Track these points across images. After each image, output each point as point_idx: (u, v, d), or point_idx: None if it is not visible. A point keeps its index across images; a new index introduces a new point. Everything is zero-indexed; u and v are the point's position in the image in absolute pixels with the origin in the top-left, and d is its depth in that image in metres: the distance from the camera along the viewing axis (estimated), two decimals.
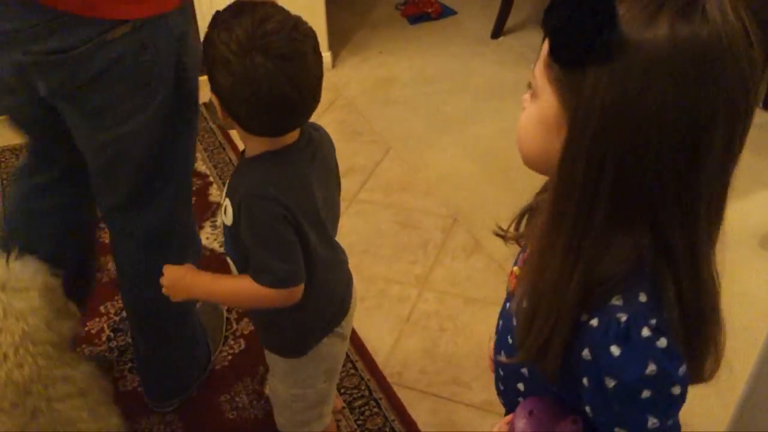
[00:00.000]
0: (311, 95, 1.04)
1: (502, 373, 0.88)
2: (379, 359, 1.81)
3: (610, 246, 0.66)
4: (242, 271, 1.15)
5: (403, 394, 1.72)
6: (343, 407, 1.68)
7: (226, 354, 1.81)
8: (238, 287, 1.15)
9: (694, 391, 0.71)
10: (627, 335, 0.65)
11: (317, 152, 1.15)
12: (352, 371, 1.77)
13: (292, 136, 1.11)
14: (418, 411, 1.68)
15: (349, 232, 2.24)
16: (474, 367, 1.77)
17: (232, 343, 1.84)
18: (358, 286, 2.02)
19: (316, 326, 1.25)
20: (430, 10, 3.67)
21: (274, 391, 1.36)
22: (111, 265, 2.11)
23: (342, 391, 1.72)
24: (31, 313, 1.05)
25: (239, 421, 1.66)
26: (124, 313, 1.94)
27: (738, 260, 2.15)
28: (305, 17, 1.10)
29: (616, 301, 0.66)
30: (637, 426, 0.68)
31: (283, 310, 1.16)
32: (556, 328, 0.68)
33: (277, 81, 0.98)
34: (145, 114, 1.19)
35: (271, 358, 1.31)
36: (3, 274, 1.08)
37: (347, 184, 2.44)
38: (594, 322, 0.66)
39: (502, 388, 0.89)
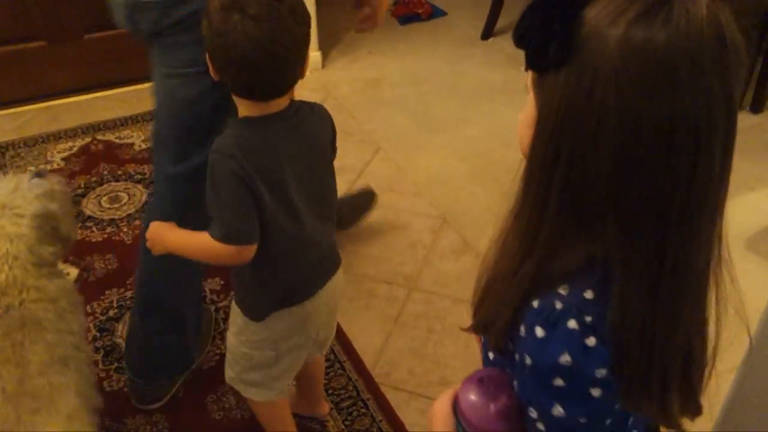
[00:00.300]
0: (281, 62, 1.07)
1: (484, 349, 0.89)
2: (367, 359, 1.80)
3: (564, 244, 0.67)
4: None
5: (391, 395, 1.71)
6: (331, 409, 1.68)
7: (213, 354, 1.80)
8: (199, 240, 1.19)
9: None
10: (555, 322, 0.66)
11: (301, 125, 1.18)
12: (340, 371, 1.77)
13: (278, 104, 1.14)
14: (406, 412, 1.68)
15: (337, 233, 2.23)
16: (462, 367, 1.77)
17: (219, 343, 1.82)
18: (347, 286, 2.03)
19: (273, 295, 1.27)
20: (420, 11, 3.67)
21: (228, 341, 1.40)
22: (97, 264, 2.10)
23: (330, 391, 1.72)
24: (17, 238, 1.22)
25: (225, 422, 1.65)
26: (110, 313, 1.93)
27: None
28: None
29: (562, 290, 0.67)
30: (543, 410, 0.69)
31: (245, 270, 1.21)
32: (502, 310, 0.71)
33: (245, 39, 1.02)
34: (197, 67, 1.27)
35: (234, 310, 1.35)
36: (6, 196, 1.26)
37: (337, 184, 2.45)
38: (535, 303, 0.68)
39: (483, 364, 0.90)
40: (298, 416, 1.65)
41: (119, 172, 2.50)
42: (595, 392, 0.66)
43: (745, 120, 2.77)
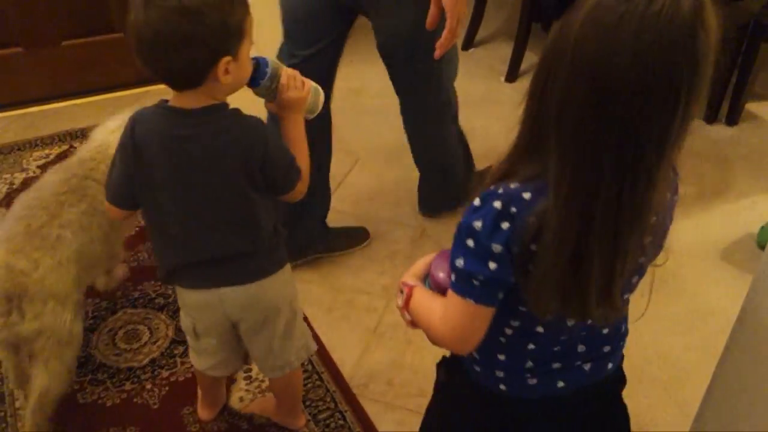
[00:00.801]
0: (159, 50, 1.11)
1: None
2: (345, 371, 1.79)
3: (525, 158, 0.84)
4: None
5: (369, 407, 1.71)
6: (308, 420, 1.67)
7: (189, 366, 1.78)
8: None
9: (655, 401, 0.72)
10: (487, 198, 0.83)
11: (200, 130, 1.19)
12: (318, 383, 1.75)
13: (188, 101, 1.18)
14: (384, 423, 1.67)
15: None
16: None
17: None
18: (326, 296, 2.03)
19: (162, 265, 1.36)
20: None
21: None
22: None
23: (307, 403, 1.70)
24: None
25: None
26: (85, 323, 1.90)
27: (700, 273, 2.20)
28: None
29: (512, 184, 0.83)
30: (453, 260, 0.87)
31: None
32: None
33: (133, 20, 1.10)
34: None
35: None
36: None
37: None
38: (492, 186, 0.84)
39: None
40: (277, 426, 1.64)
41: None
42: (492, 265, 0.84)
43: (720, 132, 2.82)
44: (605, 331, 0.98)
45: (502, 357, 0.98)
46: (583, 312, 0.86)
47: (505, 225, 0.81)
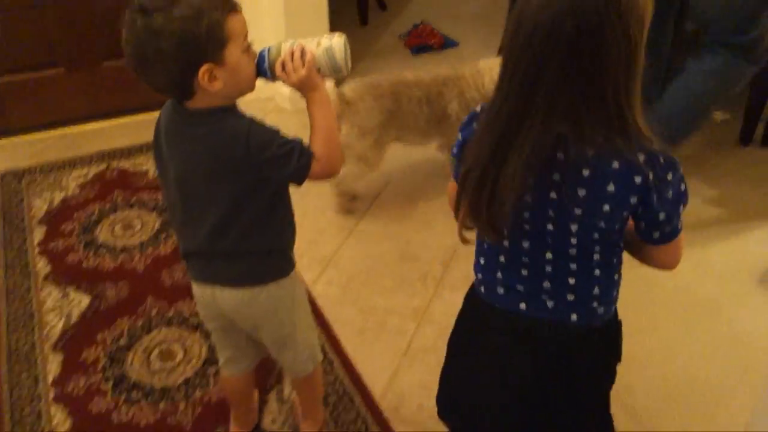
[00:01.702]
0: (139, 64, 1.16)
1: None
2: (376, 393, 1.80)
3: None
4: None
5: (400, 430, 1.70)
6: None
7: (222, 386, 1.80)
8: None
9: (691, 426, 0.71)
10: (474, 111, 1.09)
11: (193, 130, 1.23)
12: (349, 405, 1.76)
13: (198, 103, 1.21)
14: None
15: (348, 263, 2.24)
16: None
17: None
18: (357, 317, 2.04)
19: (180, 247, 1.41)
20: (432, 42, 3.71)
21: None
22: (109, 293, 2.11)
23: (338, 425, 1.71)
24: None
25: None
26: (121, 342, 1.93)
27: (737, 297, 2.15)
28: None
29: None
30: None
31: None
32: None
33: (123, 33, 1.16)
34: None
35: None
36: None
37: (348, 214, 2.46)
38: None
39: None
40: None
41: (133, 200, 2.52)
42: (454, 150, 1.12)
43: (755, 154, 2.77)
44: (571, 280, 1.08)
45: (482, 260, 1.17)
46: (476, 218, 1.05)
47: (474, 125, 1.06)
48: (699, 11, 2.29)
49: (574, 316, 1.10)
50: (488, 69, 2.30)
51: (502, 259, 1.11)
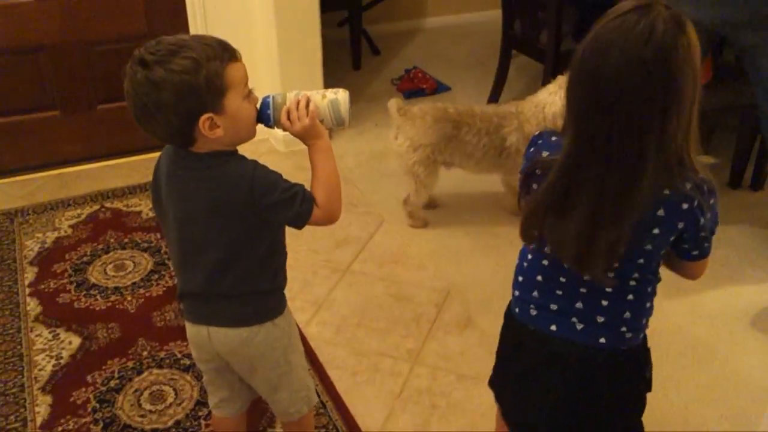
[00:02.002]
0: (140, 114, 1.18)
1: None
2: None
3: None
4: None
5: None
6: None
7: (213, 429, 1.77)
8: None
9: None
10: (539, 135, 1.19)
11: (193, 174, 1.25)
12: None
13: (199, 147, 1.23)
14: None
15: (342, 304, 2.23)
16: None
17: None
18: (350, 359, 2.03)
19: (178, 287, 1.40)
20: (425, 86, 3.76)
21: None
22: (100, 334, 2.09)
23: None
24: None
25: None
26: (111, 384, 1.91)
27: (730, 341, 2.15)
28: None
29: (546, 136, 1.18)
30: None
31: None
32: None
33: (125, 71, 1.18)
34: None
35: None
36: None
37: (341, 255, 2.47)
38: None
39: None
40: None
41: (126, 240, 2.52)
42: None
43: (745, 197, 2.81)
44: (605, 302, 1.14)
45: (520, 278, 1.23)
46: (558, 248, 1.11)
47: (531, 149, 1.18)
48: (734, 36, 2.32)
49: (602, 339, 1.16)
50: (548, 102, 2.38)
51: (539, 278, 1.18)
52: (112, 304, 2.21)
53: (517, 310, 1.24)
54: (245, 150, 1.28)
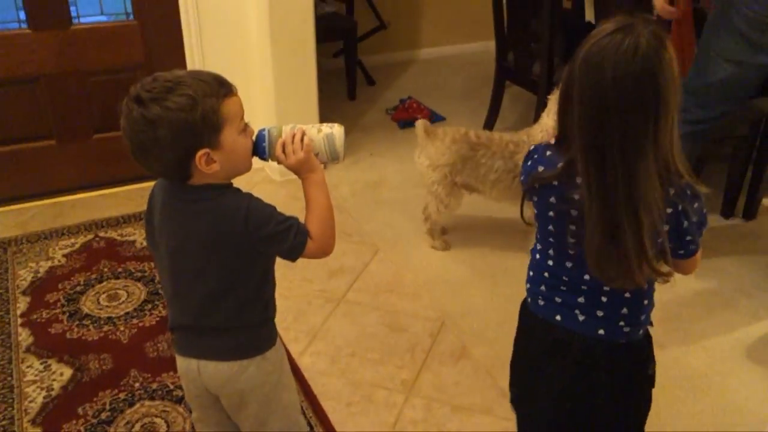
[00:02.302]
0: (136, 151, 1.19)
1: None
2: None
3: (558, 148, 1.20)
4: None
5: None
6: None
7: None
8: None
9: None
10: (534, 148, 1.27)
11: (189, 206, 1.25)
12: None
13: (195, 180, 1.23)
14: None
15: (336, 335, 2.22)
16: None
17: None
18: (344, 390, 2.01)
19: (169, 319, 1.39)
20: (419, 116, 3.79)
21: None
22: (92, 365, 2.07)
23: None
24: None
25: None
26: (102, 416, 1.89)
27: (726, 372, 2.14)
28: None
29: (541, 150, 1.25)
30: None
31: None
32: None
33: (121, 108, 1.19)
34: None
35: None
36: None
37: (335, 284, 2.46)
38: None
39: None
40: None
41: (119, 270, 2.51)
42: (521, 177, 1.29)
43: (737, 227, 2.82)
44: (604, 299, 1.22)
45: (531, 273, 1.32)
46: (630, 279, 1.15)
47: (528, 162, 1.25)
48: None
49: (601, 331, 1.24)
50: (551, 126, 2.47)
51: (546, 274, 1.28)
52: (104, 335, 2.19)
53: (529, 300, 1.34)
54: (243, 179, 1.29)
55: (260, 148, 1.29)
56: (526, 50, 3.35)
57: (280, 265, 1.34)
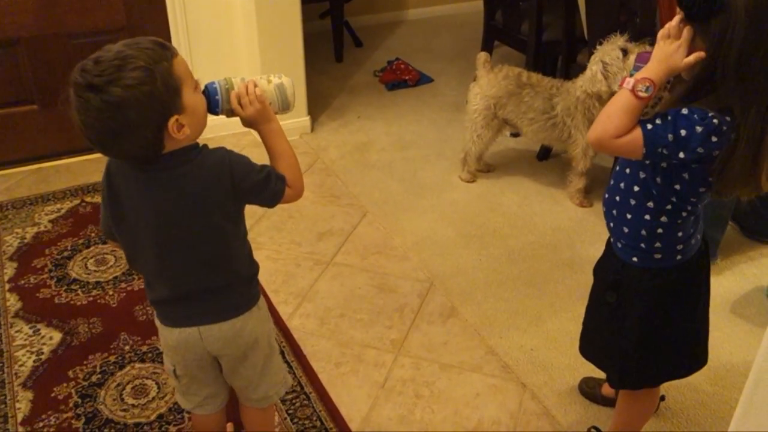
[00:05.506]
0: (95, 139, 1.14)
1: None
2: (354, 427, 1.77)
3: (699, 101, 1.25)
4: None
5: None
6: None
7: None
8: None
9: None
10: (701, 112, 1.23)
11: (164, 175, 1.22)
12: None
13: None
14: None
15: (325, 296, 2.23)
16: None
17: None
18: (334, 350, 2.03)
19: (151, 300, 1.38)
20: (407, 78, 3.76)
21: None
22: (81, 328, 2.07)
23: None
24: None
25: None
26: (93, 378, 1.90)
27: (711, 327, 2.17)
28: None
29: (711, 112, 1.24)
30: (666, 130, 1.25)
31: None
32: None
33: (72, 115, 1.13)
34: None
35: None
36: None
37: (324, 247, 2.46)
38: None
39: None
40: None
41: None
42: (681, 155, 1.25)
43: None
44: (628, 215, 1.41)
45: (604, 209, 1.49)
46: (757, 188, 1.28)
47: (714, 138, 1.22)
48: None
49: (634, 258, 1.43)
50: (580, 83, 2.55)
51: (614, 212, 1.45)
52: (93, 299, 2.19)
53: (612, 239, 1.51)
54: (230, 143, 1.28)
55: (213, 102, 1.27)
56: (515, 9, 3.31)
57: (269, 228, 1.35)
